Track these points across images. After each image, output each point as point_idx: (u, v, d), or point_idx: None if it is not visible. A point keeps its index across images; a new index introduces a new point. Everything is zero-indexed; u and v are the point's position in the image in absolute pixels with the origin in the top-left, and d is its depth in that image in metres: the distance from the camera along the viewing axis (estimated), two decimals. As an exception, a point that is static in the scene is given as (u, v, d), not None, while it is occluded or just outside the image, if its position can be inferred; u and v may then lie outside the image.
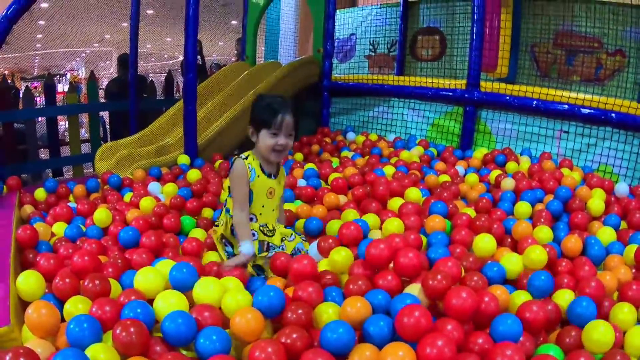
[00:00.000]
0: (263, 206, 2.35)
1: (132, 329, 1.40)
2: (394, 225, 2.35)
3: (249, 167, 2.29)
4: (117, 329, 1.41)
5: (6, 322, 1.56)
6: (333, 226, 2.52)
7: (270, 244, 2.30)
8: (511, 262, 2.04)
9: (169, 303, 1.59)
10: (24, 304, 1.71)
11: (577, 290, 1.88)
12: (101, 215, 2.55)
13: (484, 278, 1.84)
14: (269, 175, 2.35)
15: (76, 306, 1.61)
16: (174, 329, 1.46)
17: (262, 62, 5.86)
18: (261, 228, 2.33)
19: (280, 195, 2.45)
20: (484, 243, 2.20)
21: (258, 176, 2.30)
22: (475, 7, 4.15)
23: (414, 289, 1.74)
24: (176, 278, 1.75)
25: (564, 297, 1.83)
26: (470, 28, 4.23)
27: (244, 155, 2.34)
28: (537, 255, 2.06)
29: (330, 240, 2.19)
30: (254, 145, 2.36)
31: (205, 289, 1.71)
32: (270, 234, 2.34)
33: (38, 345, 1.44)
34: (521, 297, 1.80)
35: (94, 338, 1.42)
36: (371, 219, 2.52)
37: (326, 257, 2.12)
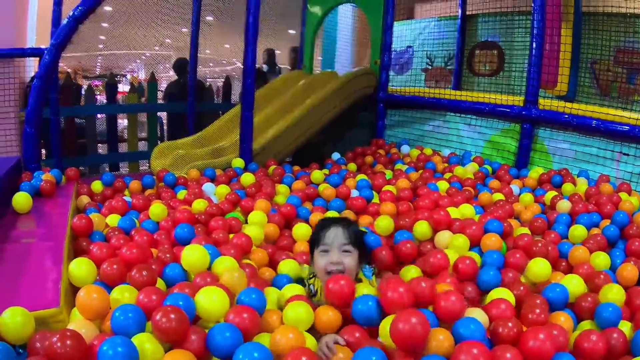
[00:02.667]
0: None
1: (172, 316, 1.40)
2: (411, 273, 2.11)
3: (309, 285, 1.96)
4: (157, 315, 1.41)
5: (56, 304, 1.61)
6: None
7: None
8: (571, 285, 1.98)
9: (210, 299, 1.58)
10: (74, 289, 1.75)
11: (634, 321, 1.79)
12: (157, 209, 2.61)
13: (545, 310, 1.74)
14: None
15: (122, 294, 1.64)
16: (221, 341, 1.42)
17: (319, 71, 5.89)
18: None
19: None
20: (539, 267, 2.12)
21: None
22: (535, 22, 4.04)
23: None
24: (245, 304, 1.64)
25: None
26: (530, 43, 4.11)
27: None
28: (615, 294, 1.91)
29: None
30: None
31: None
32: None
33: (83, 326, 1.47)
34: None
35: (138, 327, 1.43)
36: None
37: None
